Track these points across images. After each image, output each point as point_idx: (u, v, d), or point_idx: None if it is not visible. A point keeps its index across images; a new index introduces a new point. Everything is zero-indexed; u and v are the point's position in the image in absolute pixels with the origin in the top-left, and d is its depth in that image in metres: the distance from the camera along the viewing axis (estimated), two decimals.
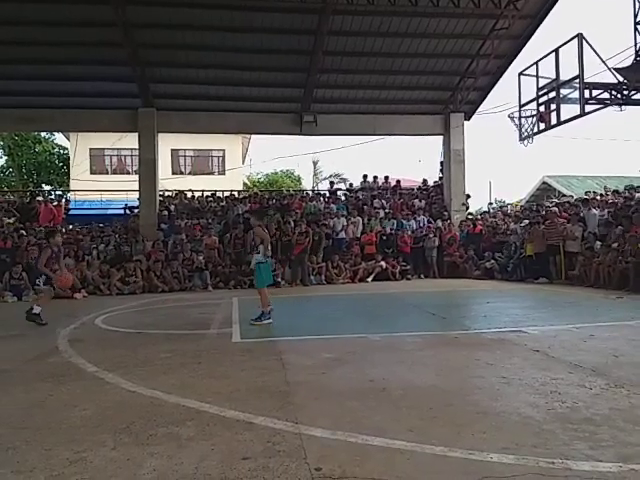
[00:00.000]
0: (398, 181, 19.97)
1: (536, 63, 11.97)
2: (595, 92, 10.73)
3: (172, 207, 17.48)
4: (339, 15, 14.18)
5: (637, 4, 10.94)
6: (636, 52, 10.98)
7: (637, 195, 13.38)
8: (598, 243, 11.74)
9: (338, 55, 15.68)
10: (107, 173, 28.65)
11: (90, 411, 3.52)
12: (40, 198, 18.44)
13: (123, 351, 5.57)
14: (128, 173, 27.33)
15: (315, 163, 37.15)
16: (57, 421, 3.32)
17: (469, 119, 18.19)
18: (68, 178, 29.65)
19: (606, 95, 10.83)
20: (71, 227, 16.63)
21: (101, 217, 18.31)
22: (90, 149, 28.09)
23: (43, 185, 31.63)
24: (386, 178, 20.07)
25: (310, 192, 21.74)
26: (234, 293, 12.33)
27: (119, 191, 21.60)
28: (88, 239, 15.17)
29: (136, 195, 17.46)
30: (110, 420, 3.31)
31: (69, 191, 25.90)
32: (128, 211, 18.22)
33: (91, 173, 27.91)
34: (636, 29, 10.94)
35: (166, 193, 18.88)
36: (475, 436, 2.86)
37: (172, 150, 27.95)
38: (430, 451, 2.69)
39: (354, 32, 14.95)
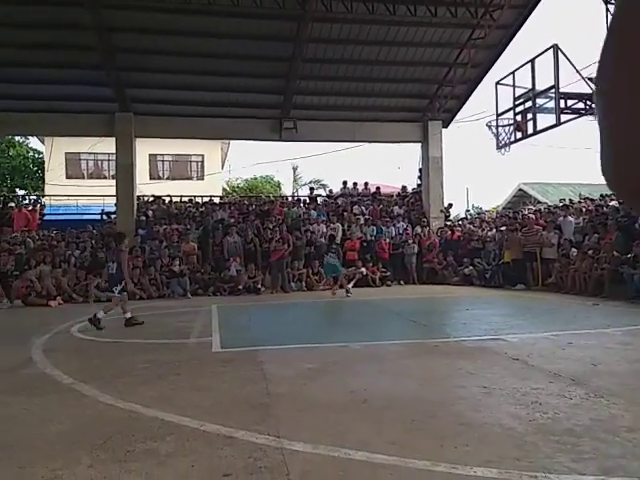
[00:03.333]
0: (378, 188, 20.06)
1: (513, 73, 12.18)
2: (570, 102, 10.94)
3: (150, 213, 17.27)
4: (318, 22, 14.23)
5: (610, 15, 11.18)
6: None
7: (611, 203, 13.64)
8: (574, 250, 11.94)
9: (317, 62, 15.73)
10: (83, 178, 28.18)
11: (66, 426, 3.42)
12: (12, 204, 18.02)
13: (100, 362, 5.46)
14: (105, 178, 26.92)
15: (295, 169, 37.07)
16: (31, 437, 3.22)
17: (447, 127, 18.40)
18: (43, 183, 29.10)
19: (581, 105, 11.03)
20: (46, 233, 16.28)
21: (77, 222, 17.97)
22: (66, 153, 27.63)
23: (17, 190, 30.96)
24: (366, 184, 20.14)
25: (290, 198, 21.70)
26: (213, 300, 12.20)
27: (96, 196, 21.27)
28: (63, 245, 14.88)
29: (113, 200, 17.22)
30: (87, 435, 3.22)
31: (44, 196, 25.41)
32: (105, 217, 17.93)
33: (67, 178, 27.42)
34: None
35: (144, 198, 18.64)
36: (458, 449, 2.85)
37: (150, 155, 27.64)
38: (413, 465, 2.66)
39: (333, 39, 15.02)
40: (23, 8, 12.99)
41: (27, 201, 20.82)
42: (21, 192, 30.14)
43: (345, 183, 20.12)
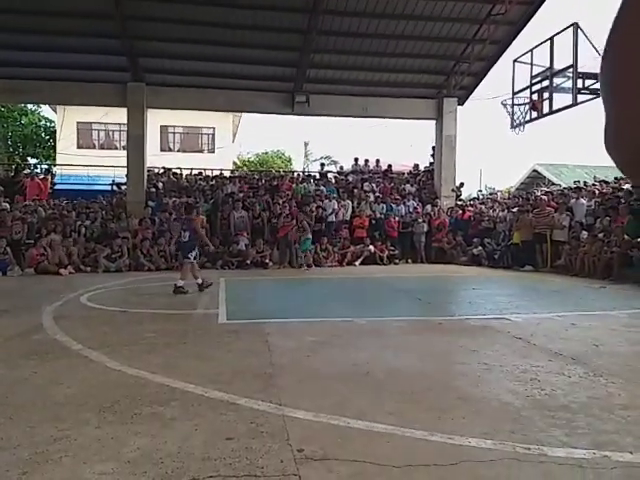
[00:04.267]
0: (389, 165, 19.93)
1: (531, 51, 11.94)
2: (588, 82, 10.73)
3: (160, 185, 17.31)
4: None
5: None
6: None
7: (625, 186, 13.49)
8: (584, 233, 11.87)
9: (332, 35, 15.49)
10: (94, 148, 28.20)
11: (74, 389, 3.52)
12: (27, 171, 18.13)
13: (108, 329, 5.57)
14: (116, 148, 26.98)
15: (306, 144, 36.93)
16: (41, 398, 3.32)
17: (462, 104, 18.14)
18: (54, 152, 29.22)
19: (599, 85, 10.83)
20: (57, 202, 16.42)
21: (87, 193, 18.08)
22: (77, 123, 27.61)
23: (29, 158, 31.17)
24: (377, 162, 20.02)
25: (300, 173, 21.65)
26: (221, 273, 12.31)
27: (106, 167, 21.32)
28: (74, 215, 15.00)
29: (124, 171, 17.26)
30: (94, 398, 3.32)
31: (55, 165, 25.54)
32: (116, 187, 18.01)
33: (78, 147, 27.46)
34: None
35: (154, 170, 18.66)
36: (455, 421, 2.92)
37: (161, 126, 27.53)
38: (410, 435, 2.73)
39: (349, 12, 14.75)
40: None
41: (39, 170, 20.91)
42: (33, 160, 30.36)
43: (356, 160, 20.01)
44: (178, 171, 18.74)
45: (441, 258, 15.54)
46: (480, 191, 23.80)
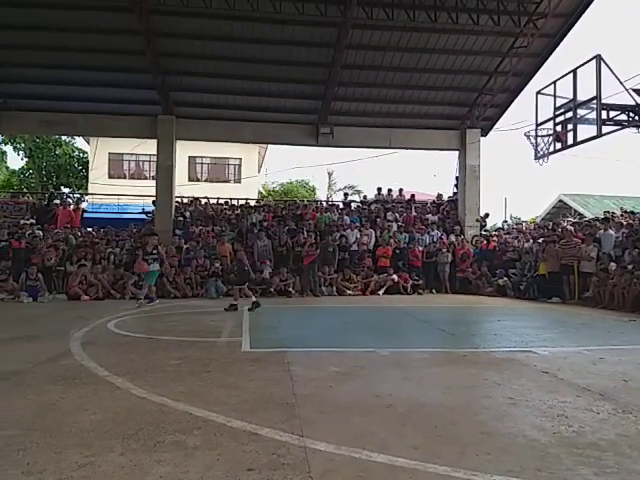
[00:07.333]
0: (412, 195, 19.96)
1: (554, 83, 11.98)
2: (612, 113, 10.71)
3: (187, 214, 17.63)
4: (359, 29, 14.33)
5: None
6: None
7: None
8: (613, 264, 11.63)
9: (356, 68, 15.82)
10: (125, 178, 29.01)
11: (100, 415, 3.57)
12: (57, 201, 18.68)
13: (134, 356, 5.64)
14: (145, 178, 27.66)
15: (330, 174, 37.25)
16: (68, 424, 3.37)
17: (486, 135, 18.21)
18: (87, 181, 30.10)
19: (623, 117, 10.79)
20: (89, 230, 16.83)
21: (117, 221, 18.52)
22: (109, 153, 28.51)
23: (62, 187, 32.16)
24: (400, 191, 20.08)
25: (324, 203, 21.81)
26: (245, 301, 12.36)
27: (136, 196, 21.86)
28: (104, 243, 15.36)
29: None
30: (119, 425, 3.35)
31: (87, 194, 26.28)
32: (150, 215, 18.21)
33: (109, 177, 28.31)
34: None
35: (182, 199, 19.05)
36: (479, 457, 2.86)
37: (190, 157, 28.24)
38: (433, 470, 2.69)
39: (373, 46, 15.09)
40: (78, 13, 13.56)
41: (70, 200, 21.55)
42: (66, 190, 31.31)
43: (380, 189, 20.10)
44: (205, 200, 19.08)
45: (466, 288, 15.37)
46: (505, 221, 23.57)
